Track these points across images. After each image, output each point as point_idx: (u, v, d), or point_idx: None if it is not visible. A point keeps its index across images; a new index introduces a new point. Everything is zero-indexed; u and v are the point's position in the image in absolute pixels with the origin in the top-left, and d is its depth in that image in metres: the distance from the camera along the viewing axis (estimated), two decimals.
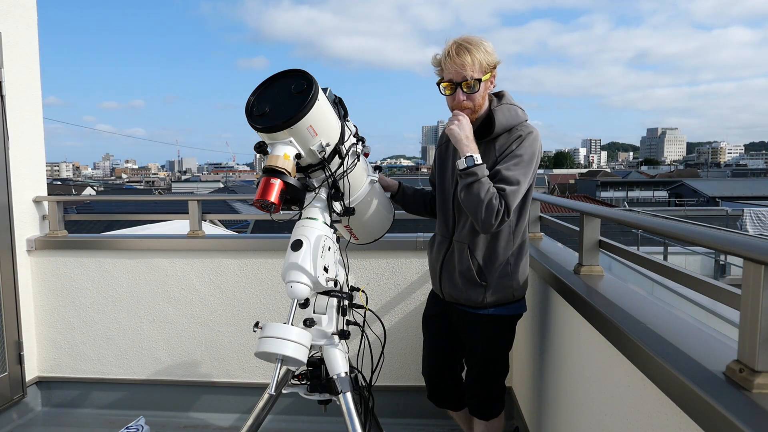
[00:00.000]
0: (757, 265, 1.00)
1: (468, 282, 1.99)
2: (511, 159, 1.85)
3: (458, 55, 1.82)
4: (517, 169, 1.84)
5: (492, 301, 1.98)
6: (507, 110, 1.92)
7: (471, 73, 1.82)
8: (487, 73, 1.86)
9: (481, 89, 1.87)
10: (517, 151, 1.86)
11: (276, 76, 1.74)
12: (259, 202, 1.65)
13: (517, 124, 1.92)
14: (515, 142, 1.88)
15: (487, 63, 1.84)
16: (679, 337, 1.28)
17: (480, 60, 1.82)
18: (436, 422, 3.00)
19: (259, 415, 2.01)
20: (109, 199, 19.23)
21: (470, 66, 1.82)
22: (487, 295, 1.98)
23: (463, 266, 1.98)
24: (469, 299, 2.00)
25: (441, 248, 2.08)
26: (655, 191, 42.91)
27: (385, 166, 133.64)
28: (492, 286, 1.97)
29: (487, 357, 2.07)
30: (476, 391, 2.13)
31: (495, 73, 1.90)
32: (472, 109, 1.89)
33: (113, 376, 3.31)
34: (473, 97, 1.86)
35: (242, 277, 3.19)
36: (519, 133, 1.90)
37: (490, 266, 1.97)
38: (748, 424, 0.89)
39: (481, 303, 1.99)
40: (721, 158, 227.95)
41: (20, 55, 3.22)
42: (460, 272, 1.99)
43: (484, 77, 1.85)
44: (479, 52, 1.82)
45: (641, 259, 1.76)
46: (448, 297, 2.08)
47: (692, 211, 17.93)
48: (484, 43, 1.85)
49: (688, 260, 10.68)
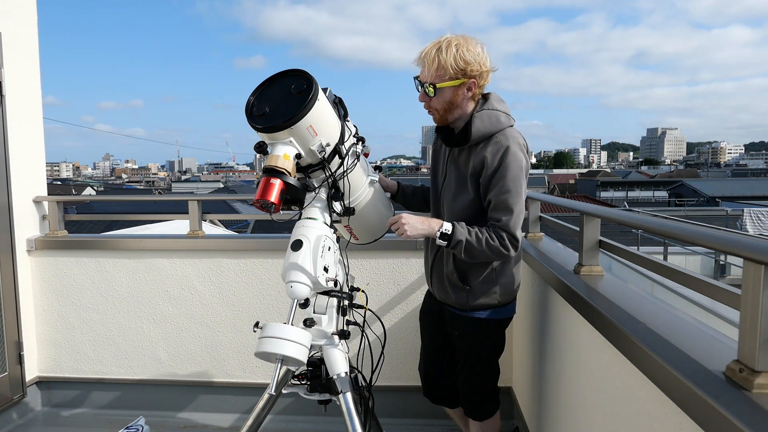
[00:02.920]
0: (757, 265, 1.00)
1: (452, 285, 1.99)
2: (498, 185, 1.80)
3: (426, 54, 1.79)
4: (506, 195, 1.80)
5: (475, 305, 1.97)
6: (486, 117, 1.85)
7: (430, 77, 1.80)
8: (457, 79, 1.78)
9: (445, 95, 1.81)
10: (500, 174, 1.79)
11: (276, 76, 1.75)
12: (259, 202, 1.66)
13: (496, 132, 1.84)
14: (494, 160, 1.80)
15: (457, 68, 1.76)
16: (679, 337, 1.28)
17: (446, 64, 1.76)
18: (435, 422, 3.00)
19: (259, 415, 2.01)
20: (109, 199, 19.24)
21: (431, 68, 1.79)
22: (469, 299, 1.97)
23: (448, 269, 1.99)
24: (454, 301, 2.01)
25: (433, 249, 2.09)
26: (655, 191, 42.90)
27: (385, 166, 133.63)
28: (475, 291, 1.96)
29: (474, 359, 2.07)
30: (467, 392, 2.14)
31: (479, 81, 1.81)
32: (435, 112, 1.88)
33: (113, 376, 3.31)
34: (433, 101, 1.84)
35: (242, 277, 3.19)
36: (495, 143, 1.82)
37: (474, 271, 1.95)
38: (748, 424, 0.89)
39: (465, 305, 1.98)
40: (721, 158, 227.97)
41: (20, 55, 3.22)
42: (445, 274, 2.00)
43: (447, 83, 1.78)
44: (448, 55, 1.75)
45: (641, 259, 1.76)
46: (438, 297, 2.11)
47: (692, 211, 17.93)
48: (465, 47, 1.77)
49: (688, 260, 10.68)
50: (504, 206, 1.80)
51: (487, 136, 1.85)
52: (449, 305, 2.06)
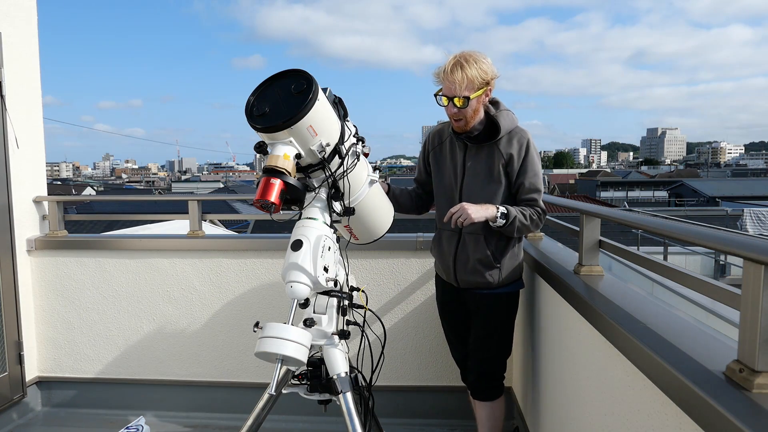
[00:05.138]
0: (757, 265, 1.00)
1: (485, 266, 2.20)
2: (529, 170, 2.15)
3: (452, 73, 2.00)
4: (535, 178, 2.17)
5: (504, 280, 2.22)
6: (506, 116, 2.17)
7: (462, 91, 2.01)
8: (481, 88, 2.04)
9: (473, 104, 2.06)
10: (529, 162, 2.15)
11: (276, 76, 1.75)
12: (259, 202, 1.66)
13: (514, 128, 2.19)
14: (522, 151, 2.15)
15: (481, 79, 2.02)
16: (679, 337, 1.28)
17: (473, 77, 2.00)
18: (436, 422, 3.00)
19: (259, 415, 2.01)
20: (109, 199, 19.24)
21: (461, 84, 2.00)
22: (501, 276, 2.21)
23: (479, 254, 2.19)
24: (485, 282, 2.21)
25: (452, 241, 2.25)
26: (655, 191, 42.90)
27: (384, 166, 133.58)
28: (504, 267, 2.21)
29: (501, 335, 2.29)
30: (483, 372, 2.31)
31: (491, 87, 2.09)
32: (464, 120, 2.10)
33: (113, 376, 3.31)
34: (464, 111, 2.07)
35: (242, 277, 3.19)
36: (518, 137, 2.16)
37: (503, 250, 2.21)
38: (748, 424, 0.89)
39: (496, 283, 2.21)
40: (721, 158, 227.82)
41: (20, 54, 3.22)
42: (477, 260, 2.20)
43: (475, 94, 2.03)
44: (473, 69, 2.00)
45: (641, 259, 1.76)
46: (464, 284, 2.26)
47: (692, 211, 17.91)
48: (481, 60, 2.03)
49: (688, 260, 10.68)
50: (535, 188, 2.16)
51: (508, 131, 2.17)
52: (477, 288, 2.24)
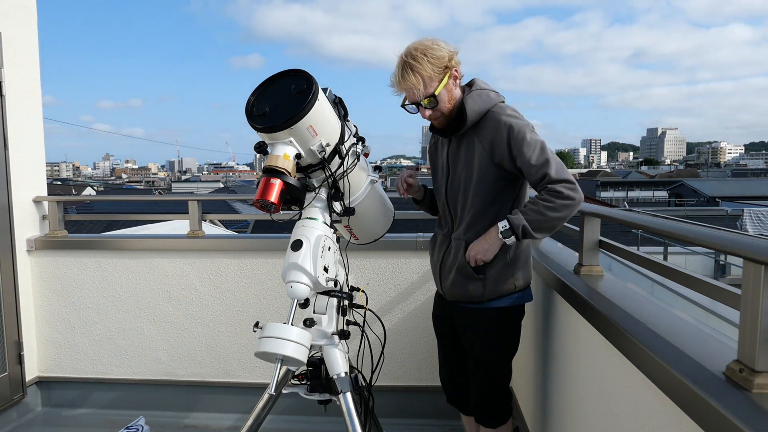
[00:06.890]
0: (757, 265, 1.00)
1: (466, 277, 1.94)
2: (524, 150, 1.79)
3: (404, 79, 1.79)
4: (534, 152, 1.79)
5: (491, 293, 1.94)
6: (477, 96, 1.88)
7: (422, 91, 1.80)
8: (443, 77, 1.81)
9: (443, 96, 1.83)
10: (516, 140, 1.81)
11: (276, 76, 1.75)
12: (259, 202, 1.66)
13: (491, 107, 1.88)
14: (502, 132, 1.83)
15: (438, 68, 1.79)
16: (679, 337, 1.28)
17: (429, 72, 1.78)
18: (436, 422, 3.00)
19: (259, 415, 2.01)
20: (109, 199, 19.24)
21: (418, 85, 1.79)
22: (486, 288, 1.93)
23: (460, 262, 1.95)
24: (469, 295, 1.96)
25: (441, 248, 2.06)
26: (655, 191, 42.88)
27: (385, 166, 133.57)
28: (491, 279, 1.93)
29: (489, 358, 2.01)
30: (482, 397, 2.07)
31: (455, 65, 1.84)
32: (443, 115, 1.88)
33: (113, 376, 3.31)
34: (438, 108, 1.85)
35: (242, 277, 3.19)
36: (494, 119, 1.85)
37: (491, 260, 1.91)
38: (748, 424, 0.89)
39: (480, 297, 1.94)
40: (721, 158, 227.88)
41: (20, 55, 3.22)
42: (457, 268, 1.96)
43: (440, 86, 1.81)
44: (424, 63, 1.77)
45: (641, 259, 1.76)
46: (450, 296, 2.04)
47: (692, 211, 17.89)
48: (429, 48, 1.79)
49: (688, 260, 10.67)
50: (539, 162, 1.78)
51: (482, 113, 1.88)
52: (463, 302, 2.00)
